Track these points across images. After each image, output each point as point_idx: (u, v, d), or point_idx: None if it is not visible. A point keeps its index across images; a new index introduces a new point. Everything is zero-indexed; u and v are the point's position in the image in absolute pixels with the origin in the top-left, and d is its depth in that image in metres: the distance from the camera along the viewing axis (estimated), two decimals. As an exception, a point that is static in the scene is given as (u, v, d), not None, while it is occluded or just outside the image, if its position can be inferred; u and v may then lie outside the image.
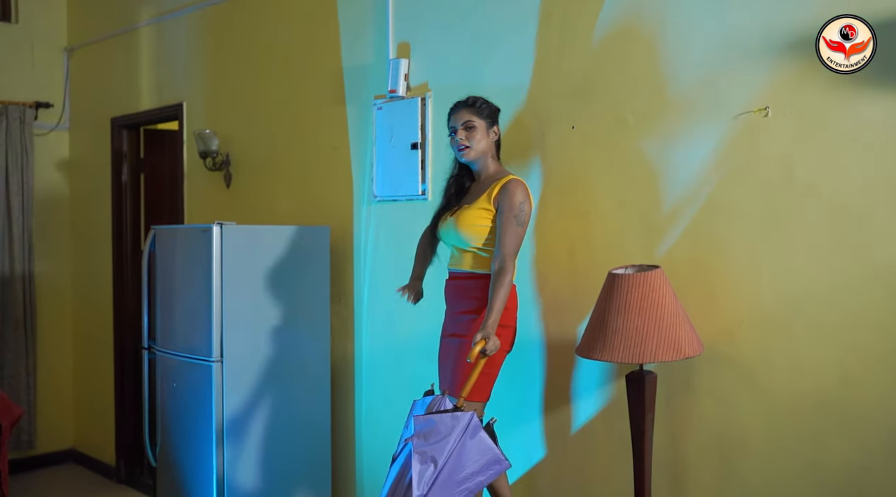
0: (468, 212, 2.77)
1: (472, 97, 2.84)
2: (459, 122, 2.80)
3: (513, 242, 2.67)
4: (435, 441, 2.47)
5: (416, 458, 2.46)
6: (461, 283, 2.82)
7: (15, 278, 5.45)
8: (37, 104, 5.56)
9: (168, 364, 3.57)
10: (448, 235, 2.84)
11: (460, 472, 2.46)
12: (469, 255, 2.79)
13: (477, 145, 2.79)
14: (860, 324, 2.27)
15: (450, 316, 2.87)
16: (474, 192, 2.84)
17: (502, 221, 2.68)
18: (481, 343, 2.52)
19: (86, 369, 5.70)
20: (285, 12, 4.10)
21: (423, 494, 2.43)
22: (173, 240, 3.57)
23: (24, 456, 5.54)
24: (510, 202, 2.68)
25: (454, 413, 2.49)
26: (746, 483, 2.49)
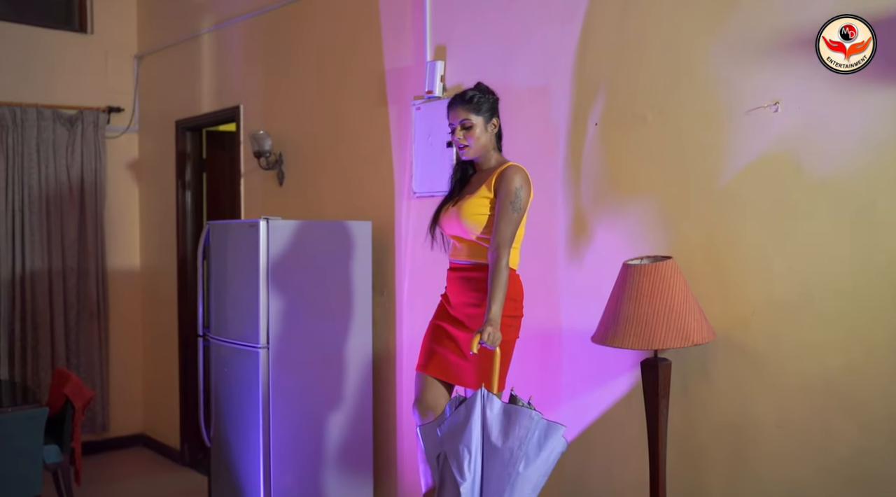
0: (470, 201, 2.77)
1: (470, 92, 2.83)
2: (457, 120, 2.80)
3: (508, 229, 2.65)
4: (459, 433, 2.52)
5: (450, 456, 2.51)
6: (465, 274, 2.81)
7: (89, 272, 5.82)
8: (109, 109, 5.91)
9: (220, 350, 3.80)
10: (450, 226, 2.85)
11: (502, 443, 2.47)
12: (472, 245, 2.79)
13: (476, 144, 2.79)
14: (864, 312, 2.33)
15: (454, 307, 2.85)
16: (476, 182, 2.85)
17: (499, 207, 2.67)
18: (478, 336, 2.52)
19: (153, 358, 6.05)
20: (332, 19, 4.31)
21: (473, 479, 2.48)
22: (225, 234, 3.81)
23: (99, 438, 5.91)
24: (507, 188, 2.67)
25: (465, 402, 2.56)
26: (758, 465, 2.56)
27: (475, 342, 2.54)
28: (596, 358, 2.99)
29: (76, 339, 5.78)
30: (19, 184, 5.54)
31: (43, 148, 5.63)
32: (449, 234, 2.91)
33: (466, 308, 2.81)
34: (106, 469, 5.58)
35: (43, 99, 5.66)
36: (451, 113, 2.84)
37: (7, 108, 5.48)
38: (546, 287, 3.18)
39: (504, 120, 3.33)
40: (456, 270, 2.87)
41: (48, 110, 5.64)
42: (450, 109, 2.85)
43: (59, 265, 5.68)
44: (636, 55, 2.88)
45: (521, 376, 3.24)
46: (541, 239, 3.20)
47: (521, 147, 3.28)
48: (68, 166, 5.73)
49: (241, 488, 3.69)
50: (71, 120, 5.74)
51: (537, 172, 3.21)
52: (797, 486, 2.48)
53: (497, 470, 2.49)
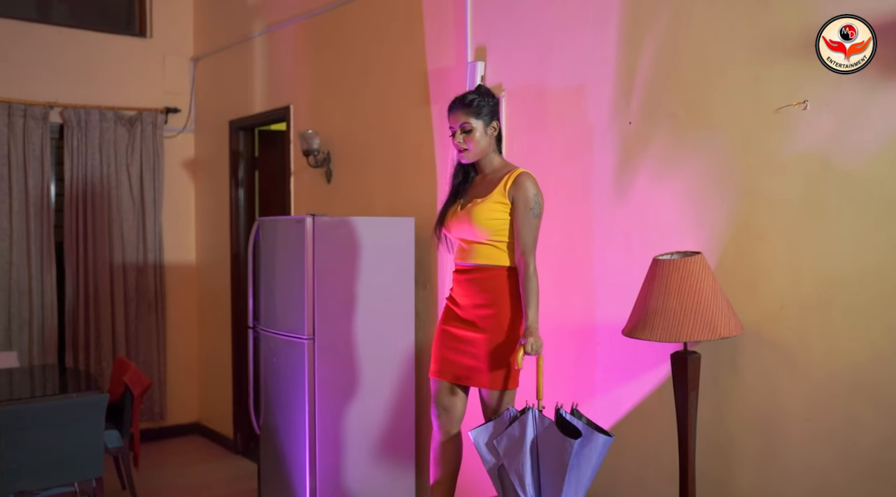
0: (483, 206, 2.82)
1: (470, 95, 2.87)
2: (457, 124, 2.85)
3: (532, 236, 2.77)
4: (517, 451, 2.65)
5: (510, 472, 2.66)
6: (472, 276, 2.87)
7: (148, 267, 6.07)
8: (166, 110, 6.16)
9: (269, 341, 3.97)
10: (460, 229, 2.89)
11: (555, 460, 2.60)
12: (481, 247, 2.85)
13: (475, 148, 2.85)
14: (892, 306, 2.35)
15: (463, 309, 2.91)
16: (482, 185, 2.89)
17: (519, 216, 2.77)
18: (520, 350, 2.69)
19: (207, 349, 6.28)
20: (377, 22, 4.44)
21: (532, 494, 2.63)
22: (274, 230, 3.97)
23: (157, 426, 6.17)
24: (525, 196, 2.77)
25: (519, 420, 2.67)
26: (786, 457, 2.61)
27: (520, 357, 2.67)
28: (630, 352, 3.06)
29: (135, 331, 6.04)
30: (83, 182, 5.81)
31: (105, 148, 5.89)
32: (457, 237, 2.95)
33: (477, 310, 2.87)
34: (163, 455, 5.83)
35: (105, 101, 5.92)
36: (451, 117, 2.87)
37: (72, 110, 5.76)
38: (581, 282, 3.26)
39: (540, 119, 3.44)
40: (463, 272, 2.92)
41: (110, 112, 5.90)
42: (450, 113, 2.88)
43: (119, 260, 5.95)
44: (669, 55, 2.94)
45: (557, 369, 3.33)
46: (576, 235, 3.28)
47: (556, 145, 3.37)
48: (128, 165, 5.99)
49: (289, 474, 3.84)
50: (131, 121, 5.99)
51: (573, 170, 3.30)
52: (825, 477, 2.51)
53: (553, 484, 2.63)
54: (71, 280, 5.81)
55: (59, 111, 5.75)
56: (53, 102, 5.70)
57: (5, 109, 5.49)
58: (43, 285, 5.65)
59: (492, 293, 2.82)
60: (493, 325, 2.84)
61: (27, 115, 5.57)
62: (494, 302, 2.83)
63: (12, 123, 5.52)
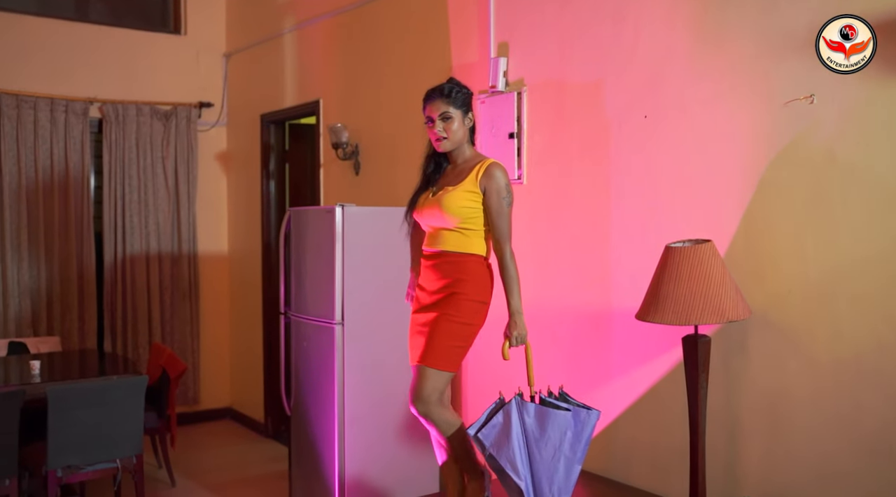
0: (453, 193, 2.85)
1: (448, 85, 2.91)
2: (436, 113, 2.87)
3: (505, 224, 2.84)
4: (505, 438, 2.71)
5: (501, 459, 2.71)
6: (437, 261, 2.91)
7: (182, 257, 6.29)
8: (200, 104, 6.36)
9: (300, 327, 4.14)
10: (430, 216, 2.92)
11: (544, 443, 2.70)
12: (450, 234, 2.88)
13: (454, 136, 2.89)
14: (893, 292, 2.46)
15: (427, 294, 2.94)
16: (453, 174, 2.93)
17: (492, 206, 2.82)
18: (506, 341, 2.79)
19: (240, 336, 6.49)
20: (404, 19, 4.59)
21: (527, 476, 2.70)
22: (305, 220, 4.14)
23: (191, 410, 6.39)
24: (497, 186, 2.82)
25: (503, 409, 2.72)
26: (792, 436, 2.73)
27: (505, 348, 2.75)
28: (645, 336, 3.19)
29: (170, 318, 6.26)
30: (120, 175, 6.04)
31: (141, 141, 6.11)
32: (427, 224, 2.98)
33: (437, 294, 2.90)
34: (197, 438, 6.05)
35: (141, 96, 6.14)
36: (430, 106, 2.90)
37: (110, 105, 5.98)
38: (599, 270, 3.39)
39: (560, 112, 3.57)
40: (430, 258, 2.95)
41: (146, 106, 6.12)
42: (428, 103, 2.91)
43: (155, 250, 6.17)
44: (683, 51, 3.06)
45: (575, 353, 3.47)
46: (594, 224, 3.41)
47: (575, 138, 3.50)
48: (163, 158, 6.20)
49: (318, 454, 4.02)
50: (166, 115, 6.21)
51: (591, 161, 3.43)
52: (829, 456, 2.63)
53: (546, 465, 2.73)
54: (109, 269, 6.05)
55: (98, 106, 5.98)
56: (93, 98, 5.92)
57: (48, 105, 5.72)
58: (83, 273, 5.89)
59: (455, 277, 2.86)
60: (449, 305, 2.85)
61: (68, 111, 5.80)
62: (453, 285, 2.85)
63: (55, 118, 5.76)
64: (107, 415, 4.03)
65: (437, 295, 2.90)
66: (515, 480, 2.71)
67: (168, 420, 4.86)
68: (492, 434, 2.73)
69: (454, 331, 2.86)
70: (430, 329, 2.87)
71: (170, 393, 4.82)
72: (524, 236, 3.76)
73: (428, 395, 2.87)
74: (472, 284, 2.88)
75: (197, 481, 5.08)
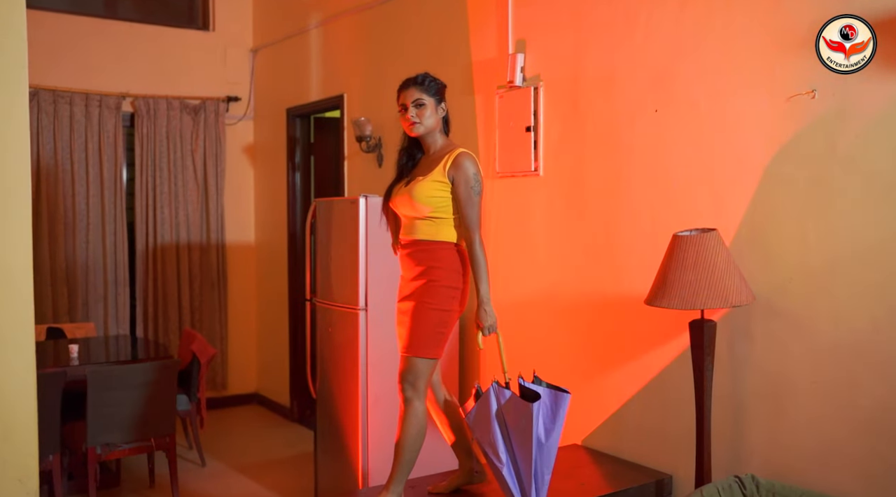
0: (423, 183, 2.92)
1: (421, 75, 3.01)
2: (410, 100, 2.96)
3: (474, 212, 2.90)
4: (485, 425, 2.80)
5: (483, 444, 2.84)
6: (414, 251, 2.98)
7: (211, 247, 6.50)
8: (227, 98, 6.56)
9: (325, 313, 4.32)
10: (403, 206, 3.00)
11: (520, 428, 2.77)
12: (422, 223, 2.96)
13: (426, 122, 2.97)
14: (889, 280, 2.59)
15: (405, 282, 3.04)
16: (426, 164, 3.01)
17: (461, 195, 2.88)
18: (478, 330, 2.88)
19: (266, 324, 6.69)
20: (426, 16, 4.74)
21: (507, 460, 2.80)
22: (330, 210, 4.31)
23: (219, 395, 6.61)
24: (465, 175, 2.88)
25: (483, 396, 2.84)
26: (793, 416, 2.86)
27: (479, 338, 2.84)
28: (654, 322, 3.33)
29: (199, 306, 6.48)
30: (151, 167, 6.25)
31: (171, 135, 6.32)
32: (401, 214, 3.06)
33: (413, 282, 2.98)
34: (225, 422, 6.27)
35: (171, 91, 6.34)
36: (404, 94, 3.00)
37: (142, 100, 6.19)
38: (610, 257, 3.53)
39: (574, 106, 3.71)
40: (405, 247, 3.04)
41: (176, 101, 6.32)
42: (402, 91, 3.02)
43: (185, 240, 6.38)
44: (692, 48, 3.18)
45: (589, 339, 3.62)
46: (606, 214, 3.55)
47: (588, 131, 3.64)
48: (192, 151, 6.41)
49: (343, 436, 4.19)
50: (195, 109, 6.41)
51: (603, 154, 3.57)
52: (828, 434, 2.76)
53: (523, 450, 2.81)
54: (141, 258, 6.27)
55: (130, 101, 6.19)
56: (125, 93, 6.14)
57: (83, 100, 5.94)
58: (116, 263, 6.12)
59: (428, 265, 2.94)
60: (424, 293, 2.93)
61: (102, 105, 6.02)
62: (427, 273, 2.93)
63: (89, 113, 5.97)
64: (142, 396, 4.24)
65: (414, 283, 2.98)
66: (496, 464, 2.84)
67: (198, 403, 5.06)
68: (474, 420, 2.87)
69: (431, 318, 2.92)
70: (410, 318, 2.94)
71: (200, 377, 5.02)
72: (540, 225, 3.91)
73: (413, 382, 2.94)
74: (445, 271, 2.94)
75: (225, 462, 5.29)
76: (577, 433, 3.72)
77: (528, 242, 3.99)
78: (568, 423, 3.74)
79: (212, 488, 4.82)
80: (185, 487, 4.73)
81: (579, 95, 3.70)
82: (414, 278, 2.98)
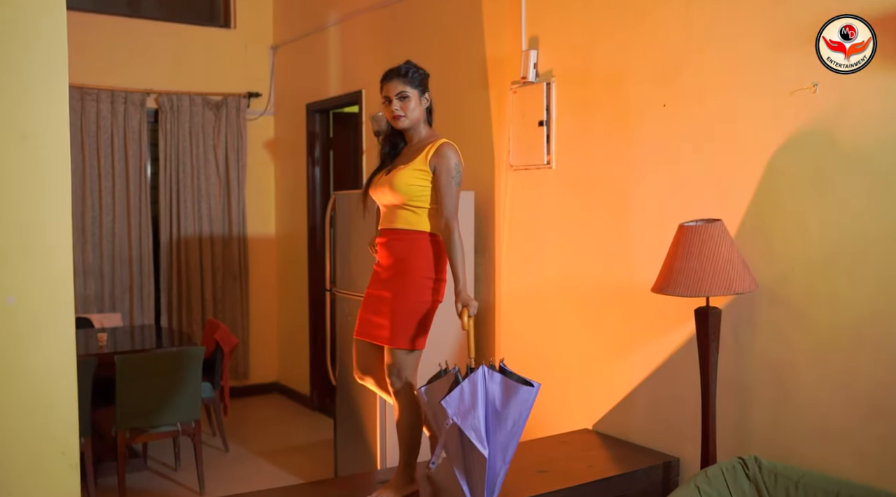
0: (403, 172, 2.93)
1: (405, 66, 3.00)
2: (394, 92, 2.96)
3: (453, 202, 2.90)
4: (472, 407, 2.66)
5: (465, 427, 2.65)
6: (392, 239, 2.98)
7: (232, 239, 6.67)
8: (248, 94, 6.71)
9: (344, 302, 4.46)
10: (383, 195, 3.00)
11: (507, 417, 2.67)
12: (401, 212, 2.95)
13: (411, 114, 2.97)
14: (887, 268, 2.68)
15: (382, 270, 3.01)
16: (407, 154, 3.02)
17: (441, 184, 2.89)
18: (465, 311, 2.78)
19: (286, 314, 6.85)
20: (442, 13, 4.86)
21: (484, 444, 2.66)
22: (349, 203, 4.44)
23: (241, 384, 6.78)
24: (447, 165, 2.90)
25: (469, 377, 2.70)
26: (795, 400, 2.96)
27: (465, 320, 2.77)
28: (662, 310, 3.44)
29: (221, 297, 6.65)
30: (175, 162, 6.42)
31: (194, 130, 6.48)
32: (380, 203, 3.06)
33: (391, 271, 2.98)
34: (246, 410, 6.44)
35: (194, 87, 6.50)
36: (388, 86, 2.99)
37: (165, 96, 6.35)
38: (620, 247, 3.64)
39: (586, 101, 3.82)
40: (383, 236, 3.03)
41: (198, 97, 6.48)
42: (386, 82, 3.00)
43: (207, 232, 6.55)
44: (699, 45, 3.28)
45: (600, 326, 3.74)
46: (616, 206, 3.66)
47: (599, 125, 3.75)
48: (215, 146, 6.57)
49: (362, 422, 4.34)
50: (217, 105, 6.56)
51: (614, 147, 3.68)
52: (829, 418, 2.86)
53: (503, 437, 2.72)
54: (165, 250, 6.45)
55: (154, 97, 6.36)
56: (150, 89, 6.30)
57: (109, 97, 6.11)
58: (141, 255, 6.29)
59: (404, 255, 2.94)
60: (401, 284, 2.94)
61: (127, 102, 6.19)
62: (405, 263, 2.93)
63: (115, 109, 6.15)
64: (168, 382, 4.40)
65: (391, 272, 2.98)
66: (480, 449, 2.68)
67: (221, 391, 5.22)
68: (457, 402, 2.68)
69: (412, 309, 2.93)
70: (391, 310, 2.93)
71: (223, 365, 5.18)
72: (553, 216, 4.02)
73: (398, 373, 2.96)
74: (423, 261, 2.95)
75: (248, 448, 5.46)
76: (587, 418, 3.84)
77: (541, 233, 4.11)
78: (578, 408, 3.89)
79: (235, 472, 4.98)
80: (210, 471, 4.89)
81: (590, 91, 3.80)
82: (391, 267, 2.98)
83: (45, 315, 2.37)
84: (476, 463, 2.74)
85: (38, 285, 2.36)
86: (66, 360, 2.39)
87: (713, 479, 2.88)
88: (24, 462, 2.35)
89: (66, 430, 2.39)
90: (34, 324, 2.35)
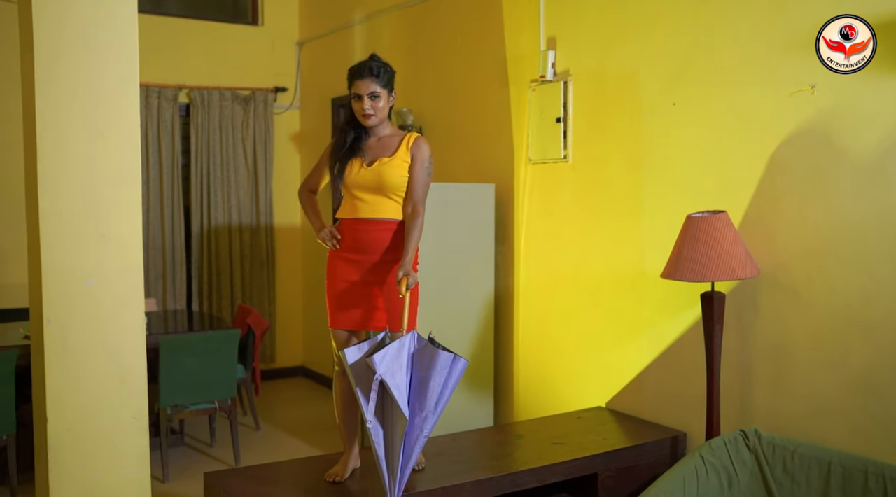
0: (392, 163, 3.02)
1: (376, 65, 3.04)
2: (365, 91, 3.00)
3: (424, 191, 3.05)
4: (397, 367, 2.72)
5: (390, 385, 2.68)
6: (377, 229, 3.04)
7: (260, 229, 6.95)
8: (275, 89, 6.97)
9: (372, 288, 4.72)
10: (367, 185, 3.03)
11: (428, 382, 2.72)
12: (387, 202, 3.04)
13: (380, 113, 3.05)
14: (878, 256, 2.92)
15: (362, 260, 3.05)
16: (379, 147, 3.08)
17: (416, 173, 3.02)
18: (405, 280, 2.83)
19: (311, 301, 7.13)
20: (464, 14, 5.11)
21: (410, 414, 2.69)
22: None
23: (268, 368, 7.07)
24: (423, 156, 3.06)
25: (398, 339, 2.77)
26: (794, 379, 3.21)
27: (403, 288, 2.83)
28: (671, 295, 3.68)
29: (250, 284, 6.93)
30: (205, 155, 6.70)
31: (224, 124, 6.75)
32: (359, 193, 3.07)
33: (384, 259, 3.06)
34: (274, 392, 6.72)
35: (223, 82, 6.77)
36: (361, 84, 3.02)
37: (196, 91, 6.63)
38: (632, 236, 3.89)
39: (601, 99, 4.07)
40: (368, 225, 3.06)
41: (228, 92, 6.75)
42: (358, 80, 3.03)
43: (236, 222, 6.83)
44: (707, 48, 3.52)
45: (614, 311, 3.99)
46: (629, 198, 3.90)
47: (613, 122, 3.99)
48: (243, 139, 6.84)
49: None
50: (245, 99, 6.83)
51: (626, 143, 3.92)
52: (824, 395, 3.11)
53: (426, 399, 2.75)
54: (196, 239, 6.74)
55: (186, 92, 6.63)
56: (182, 85, 6.58)
57: (143, 92, 6.39)
58: (173, 243, 6.59)
59: (395, 243, 3.05)
60: (390, 273, 3.05)
61: (161, 97, 6.47)
62: (398, 251, 3.03)
63: (149, 104, 6.43)
64: (206, 362, 4.69)
65: (387, 261, 3.05)
66: (403, 410, 2.71)
67: (253, 372, 5.50)
68: (386, 361, 2.72)
69: (415, 293, 3.08)
70: (388, 300, 3.02)
71: (255, 348, 5.46)
72: (569, 208, 4.27)
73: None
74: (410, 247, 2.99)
75: (277, 426, 5.74)
76: (600, 396, 4.10)
77: (558, 223, 4.36)
78: (592, 387, 4.14)
79: (266, 447, 5.27)
80: (243, 447, 5.17)
81: (605, 89, 4.04)
82: (384, 256, 3.04)
83: (119, 296, 2.64)
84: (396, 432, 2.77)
85: (113, 269, 2.64)
86: (137, 336, 2.67)
87: (716, 449, 3.14)
88: (105, 424, 2.63)
89: (138, 398, 2.67)
90: (110, 304, 2.64)
